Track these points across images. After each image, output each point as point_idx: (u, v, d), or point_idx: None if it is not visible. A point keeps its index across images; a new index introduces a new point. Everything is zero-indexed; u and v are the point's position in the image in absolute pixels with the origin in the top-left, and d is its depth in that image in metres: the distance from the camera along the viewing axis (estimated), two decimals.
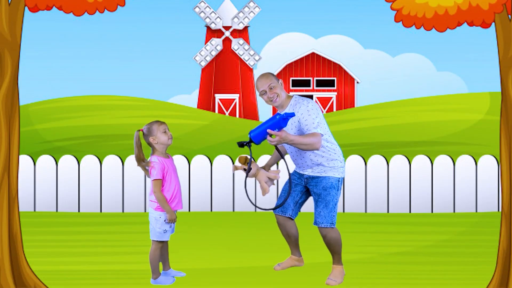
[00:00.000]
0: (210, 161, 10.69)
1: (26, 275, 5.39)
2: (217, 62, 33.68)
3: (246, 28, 33.85)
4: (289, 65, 35.00)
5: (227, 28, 33.57)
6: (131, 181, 10.55)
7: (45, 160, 10.69)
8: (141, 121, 6.82)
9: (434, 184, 10.53)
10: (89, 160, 10.66)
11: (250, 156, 5.59)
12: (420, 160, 10.58)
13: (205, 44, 33.56)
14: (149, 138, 5.71)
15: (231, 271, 6.34)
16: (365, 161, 10.56)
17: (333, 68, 35.08)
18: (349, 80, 34.95)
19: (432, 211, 10.49)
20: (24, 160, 10.58)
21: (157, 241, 5.74)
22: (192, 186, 10.61)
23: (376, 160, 10.59)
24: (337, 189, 5.70)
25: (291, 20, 50.19)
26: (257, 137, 5.42)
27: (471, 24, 5.16)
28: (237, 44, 33.50)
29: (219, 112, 32.88)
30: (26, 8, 5.24)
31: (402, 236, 8.48)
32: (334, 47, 42.26)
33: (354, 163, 10.55)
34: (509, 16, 5.19)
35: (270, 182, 5.72)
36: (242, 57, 33.60)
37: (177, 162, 10.38)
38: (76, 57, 49.66)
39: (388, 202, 10.52)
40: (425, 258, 7.01)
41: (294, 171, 5.91)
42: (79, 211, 10.55)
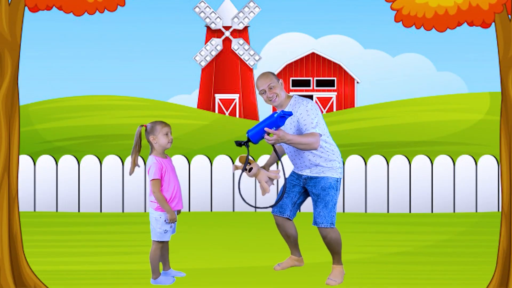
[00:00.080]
0: (210, 161, 10.69)
1: (26, 275, 5.38)
2: (217, 62, 33.68)
3: (246, 28, 33.85)
4: (289, 65, 35.01)
5: (227, 28, 33.56)
6: (131, 181, 10.55)
7: (45, 160, 10.68)
8: (141, 121, 6.81)
9: (434, 184, 10.53)
10: (89, 160, 10.66)
11: (248, 155, 5.58)
12: (420, 160, 10.58)
13: (205, 44, 33.56)
14: (150, 137, 5.72)
15: (231, 271, 6.34)
16: (365, 161, 10.56)
17: (333, 68, 35.08)
18: (349, 80, 34.96)
19: (432, 211, 10.49)
20: (24, 160, 10.57)
21: (158, 241, 5.74)
22: (192, 186, 10.61)
23: (376, 160, 10.59)
24: (336, 189, 5.69)
25: (291, 20, 50.25)
26: (255, 136, 5.38)
27: (471, 24, 5.16)
28: (237, 44, 33.50)
29: (219, 112, 32.88)
30: (26, 8, 5.24)
31: (402, 236, 8.48)
32: (334, 47, 42.30)
33: (354, 163, 10.54)
34: (509, 16, 5.19)
35: (270, 182, 5.71)
36: (242, 57, 33.60)
37: (177, 162, 10.42)
38: (76, 57, 49.74)
39: (388, 202, 10.52)
40: (425, 258, 7.01)
41: (292, 172, 5.90)
42: (79, 211, 10.55)
